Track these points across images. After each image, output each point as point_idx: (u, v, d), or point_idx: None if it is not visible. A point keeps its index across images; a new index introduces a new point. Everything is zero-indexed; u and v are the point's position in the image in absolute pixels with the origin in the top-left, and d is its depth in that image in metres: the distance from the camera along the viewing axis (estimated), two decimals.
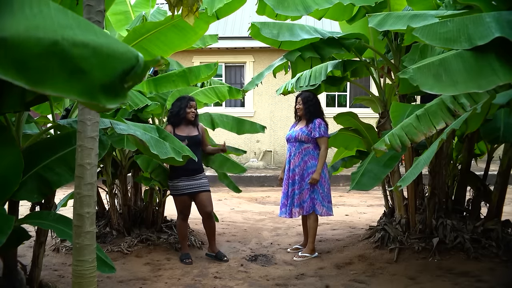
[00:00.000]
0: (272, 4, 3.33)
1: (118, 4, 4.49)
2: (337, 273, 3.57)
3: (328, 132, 4.09)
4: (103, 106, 0.91)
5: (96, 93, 0.91)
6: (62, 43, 0.86)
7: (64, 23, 0.89)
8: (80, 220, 1.98)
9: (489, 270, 3.36)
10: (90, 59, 0.90)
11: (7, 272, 2.51)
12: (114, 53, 0.95)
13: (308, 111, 4.02)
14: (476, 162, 4.41)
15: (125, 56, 0.96)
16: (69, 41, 0.87)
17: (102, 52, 0.92)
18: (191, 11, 2.25)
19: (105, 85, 0.92)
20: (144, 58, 1.01)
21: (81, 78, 0.89)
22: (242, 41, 10.48)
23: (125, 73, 0.95)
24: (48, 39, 0.84)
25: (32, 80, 0.83)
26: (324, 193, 3.99)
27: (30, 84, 0.82)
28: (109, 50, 0.94)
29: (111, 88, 0.93)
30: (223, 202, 6.98)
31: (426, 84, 2.24)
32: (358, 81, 6.35)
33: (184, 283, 3.34)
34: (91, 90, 0.90)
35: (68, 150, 2.49)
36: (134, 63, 0.97)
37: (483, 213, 3.95)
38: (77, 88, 0.88)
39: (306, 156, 3.99)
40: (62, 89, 0.87)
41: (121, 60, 0.95)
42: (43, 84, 0.84)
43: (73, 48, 0.87)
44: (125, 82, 0.95)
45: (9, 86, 2.17)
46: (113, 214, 4.13)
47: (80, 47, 0.88)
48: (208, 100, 4.29)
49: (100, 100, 0.91)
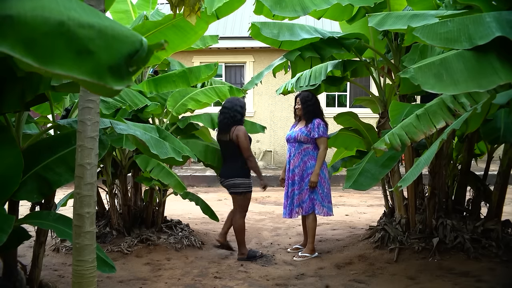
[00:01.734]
0: (269, 5, 3.32)
1: (120, 2, 4.49)
2: (337, 273, 3.56)
3: (328, 132, 4.09)
4: (110, 88, 0.91)
5: (104, 74, 0.91)
6: (68, 23, 0.86)
7: (69, 6, 0.90)
8: (80, 220, 1.98)
9: (489, 270, 3.36)
10: (96, 40, 0.90)
11: (7, 272, 2.51)
12: (119, 35, 0.95)
13: (307, 111, 4.01)
14: (476, 162, 4.41)
15: (130, 39, 0.97)
16: (75, 22, 0.87)
17: (108, 34, 0.93)
18: (193, 10, 2.24)
19: (112, 66, 0.92)
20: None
21: (88, 59, 0.89)
22: (242, 41, 10.47)
23: (130, 56, 0.95)
24: (54, 19, 0.84)
25: (40, 58, 0.83)
26: (324, 193, 3.99)
27: (38, 62, 0.82)
28: (114, 32, 0.94)
29: (118, 70, 0.93)
30: (223, 202, 6.98)
31: (427, 84, 2.25)
32: (358, 81, 6.35)
33: (184, 283, 3.34)
34: (98, 70, 0.90)
35: (68, 150, 2.49)
36: (139, 46, 0.97)
37: (483, 213, 3.95)
38: (85, 68, 0.88)
39: (306, 157, 3.99)
40: (70, 68, 0.86)
41: (126, 42, 0.96)
42: (51, 63, 0.84)
43: (79, 28, 0.88)
44: (130, 66, 0.95)
45: (9, 86, 2.17)
46: (113, 214, 4.13)
47: (86, 28, 0.89)
48: (208, 100, 4.28)
49: (107, 81, 0.91)
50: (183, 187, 3.73)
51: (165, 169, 3.73)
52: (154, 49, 1.00)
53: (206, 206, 4.40)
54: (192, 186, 8.79)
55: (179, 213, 5.61)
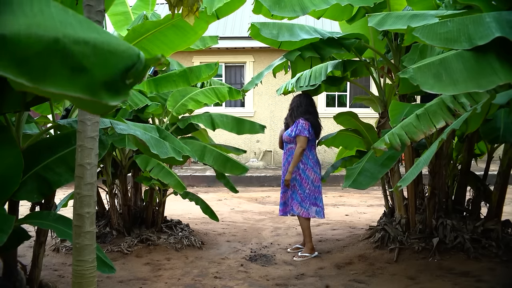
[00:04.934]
0: (268, 5, 3.32)
1: (118, 5, 4.49)
2: (337, 273, 3.57)
3: (307, 132, 3.97)
4: (105, 103, 0.90)
5: (98, 90, 0.90)
6: (63, 41, 0.85)
7: (65, 21, 0.89)
8: (80, 220, 1.98)
9: (489, 270, 3.36)
10: (91, 56, 0.89)
11: (7, 272, 2.51)
12: (115, 50, 0.94)
13: (291, 113, 4.15)
14: (476, 162, 4.41)
15: (126, 53, 0.96)
16: (70, 39, 0.86)
17: (103, 50, 0.92)
18: (191, 11, 2.24)
19: (107, 82, 0.91)
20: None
21: (82, 76, 0.88)
22: (242, 41, 10.48)
23: (127, 70, 0.94)
24: (48, 36, 0.83)
25: (33, 78, 0.82)
26: (304, 194, 3.99)
27: (31, 82, 0.82)
28: (110, 47, 0.93)
29: (113, 85, 0.92)
30: (223, 202, 6.98)
31: (427, 84, 2.25)
32: (358, 81, 6.35)
33: (184, 283, 3.34)
34: (93, 87, 0.89)
35: (68, 150, 2.49)
36: (135, 60, 0.96)
37: (483, 213, 3.95)
38: (79, 85, 0.88)
39: (290, 157, 4.09)
40: (63, 87, 0.86)
41: (122, 57, 0.95)
42: (44, 82, 0.84)
43: (74, 45, 0.87)
44: (126, 79, 0.94)
45: (9, 86, 2.17)
46: (113, 214, 4.13)
47: (81, 45, 0.88)
48: (208, 100, 4.28)
49: (102, 97, 0.90)
50: (183, 186, 3.73)
51: (165, 169, 3.73)
52: (151, 64, 1.00)
53: (206, 206, 4.40)
54: (192, 186, 8.80)
55: (179, 213, 5.61)
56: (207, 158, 4.13)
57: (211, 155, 4.15)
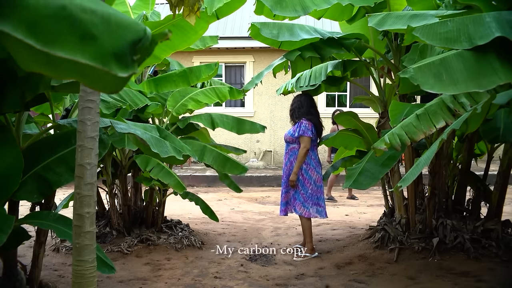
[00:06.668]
0: (270, 5, 3.32)
1: (118, 4, 4.48)
2: (337, 273, 3.57)
3: (310, 132, 3.97)
4: (114, 74, 0.89)
5: (108, 59, 0.89)
6: (70, 8, 0.86)
7: None
8: (80, 220, 1.98)
9: (489, 270, 3.36)
10: (99, 25, 0.89)
11: (7, 272, 2.51)
12: (122, 22, 0.94)
13: (293, 113, 4.15)
14: (476, 162, 4.41)
15: (133, 27, 0.96)
16: (77, 7, 0.87)
17: (111, 20, 0.92)
18: (192, 10, 2.24)
19: (116, 53, 0.91)
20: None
21: (92, 43, 0.88)
22: (242, 41, 10.48)
23: (134, 43, 0.94)
24: (55, 2, 0.84)
25: (42, 40, 0.82)
26: (307, 194, 3.99)
27: (40, 44, 0.82)
28: (117, 19, 0.93)
29: (122, 57, 0.91)
30: (223, 202, 6.98)
31: (427, 84, 2.25)
32: (358, 81, 6.36)
33: (184, 283, 3.34)
34: (103, 55, 0.89)
35: (68, 150, 2.48)
36: (142, 34, 0.96)
37: (483, 213, 3.95)
38: (89, 52, 0.87)
39: (292, 156, 4.07)
40: (73, 52, 0.85)
41: (130, 30, 0.95)
42: (54, 45, 0.83)
43: (81, 13, 0.87)
44: (134, 54, 0.94)
45: (9, 86, 2.17)
46: (113, 214, 4.13)
47: (88, 13, 0.88)
48: (208, 100, 4.28)
49: (112, 67, 0.89)
50: (183, 186, 3.73)
51: (165, 169, 3.73)
52: (158, 39, 0.99)
53: (206, 206, 4.40)
54: (192, 186, 8.80)
55: (179, 213, 5.61)
56: (207, 157, 4.12)
57: (211, 155, 4.14)
